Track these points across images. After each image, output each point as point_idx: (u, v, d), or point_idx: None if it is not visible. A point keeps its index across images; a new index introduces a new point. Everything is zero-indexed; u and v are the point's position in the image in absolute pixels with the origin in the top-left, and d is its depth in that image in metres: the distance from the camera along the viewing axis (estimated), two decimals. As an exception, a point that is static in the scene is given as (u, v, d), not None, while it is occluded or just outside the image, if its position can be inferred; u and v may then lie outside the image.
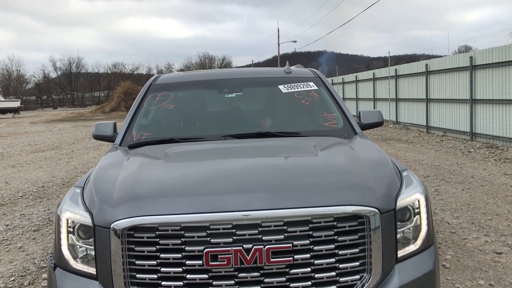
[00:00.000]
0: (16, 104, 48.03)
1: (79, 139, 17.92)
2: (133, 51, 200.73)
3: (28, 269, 4.35)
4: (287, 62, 4.44)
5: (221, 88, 3.90)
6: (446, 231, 5.00)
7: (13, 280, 4.12)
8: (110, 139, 3.61)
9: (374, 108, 20.59)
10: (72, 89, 79.02)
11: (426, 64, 15.13)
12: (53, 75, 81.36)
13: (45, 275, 4.16)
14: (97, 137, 3.73)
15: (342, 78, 25.78)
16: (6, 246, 5.09)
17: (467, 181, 7.44)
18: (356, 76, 23.37)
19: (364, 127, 3.54)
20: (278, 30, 59.22)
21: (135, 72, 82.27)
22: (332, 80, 28.28)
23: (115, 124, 3.71)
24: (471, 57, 12.26)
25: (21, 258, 4.71)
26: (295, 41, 53.94)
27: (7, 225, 5.91)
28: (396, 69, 17.85)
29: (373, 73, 20.58)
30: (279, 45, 64.98)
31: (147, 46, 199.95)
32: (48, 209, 6.68)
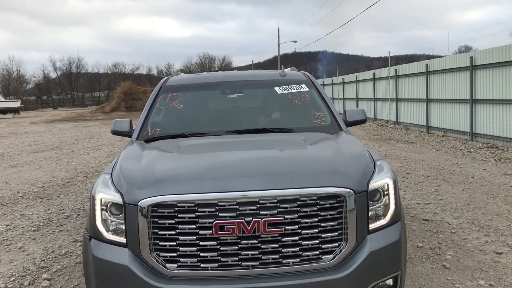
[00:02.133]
0: (16, 104, 48.02)
1: (79, 139, 17.92)
2: (132, 50, 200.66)
3: (28, 269, 4.36)
4: (282, 66, 4.96)
5: (224, 89, 4.38)
6: (446, 231, 5.00)
7: (13, 280, 4.12)
8: (127, 134, 4.07)
9: (374, 108, 20.59)
10: (72, 89, 79.04)
11: (426, 64, 15.13)
12: (53, 75, 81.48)
13: (45, 275, 4.17)
14: (115, 132, 4.21)
15: (343, 78, 25.77)
16: (6, 246, 5.10)
17: (467, 181, 7.44)
18: (356, 76, 23.37)
19: (349, 124, 4.08)
20: (278, 30, 59.21)
21: (135, 72, 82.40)
22: (332, 80, 28.28)
23: (131, 121, 4.22)
24: (471, 57, 12.26)
25: (21, 258, 4.71)
26: (295, 41, 53.96)
27: (7, 225, 5.92)
28: (396, 69, 17.85)
29: (373, 73, 20.58)
30: (279, 45, 64.95)
31: (146, 46, 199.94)
32: (48, 209, 6.68)
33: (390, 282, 2.61)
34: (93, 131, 21.93)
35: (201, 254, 2.40)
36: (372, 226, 2.57)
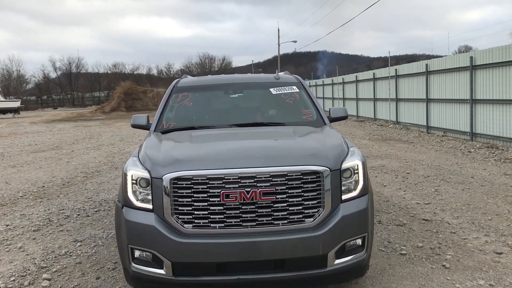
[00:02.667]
0: (16, 104, 47.99)
1: (79, 139, 17.92)
2: (131, 50, 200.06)
3: (28, 269, 4.36)
4: (277, 70, 5.59)
5: (227, 90, 5.11)
6: (446, 231, 5.00)
7: (13, 280, 4.12)
8: (145, 127, 4.71)
9: (374, 109, 20.60)
10: (72, 89, 78.97)
11: (426, 64, 15.13)
12: (53, 75, 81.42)
13: (45, 275, 4.17)
14: (135, 126, 4.82)
15: (342, 78, 25.76)
16: (6, 246, 5.10)
17: (467, 181, 7.44)
18: (356, 76, 23.36)
19: (332, 119, 4.74)
20: (278, 30, 59.25)
21: (135, 72, 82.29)
22: (332, 80, 28.27)
23: (148, 117, 4.82)
24: (471, 57, 12.26)
25: (21, 258, 4.71)
26: (295, 41, 53.97)
27: (7, 225, 5.92)
28: (396, 69, 17.85)
29: (373, 73, 20.57)
30: (279, 45, 64.88)
31: (146, 46, 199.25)
32: (48, 209, 6.68)
33: (359, 242, 3.29)
34: (93, 131, 21.92)
35: (210, 216, 3.07)
36: (344, 197, 3.25)
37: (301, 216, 3.12)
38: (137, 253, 3.23)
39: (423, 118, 15.54)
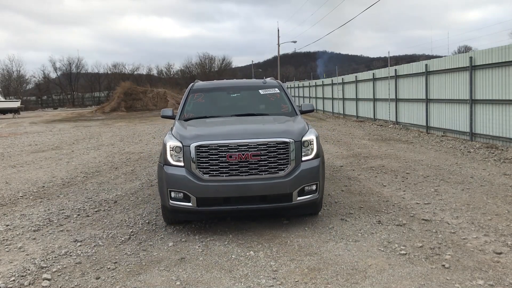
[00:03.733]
0: (16, 104, 47.92)
1: (79, 139, 17.92)
2: (131, 50, 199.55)
3: (28, 269, 4.36)
4: (264, 77, 8.83)
5: (228, 91, 7.22)
6: (445, 231, 5.01)
7: (13, 280, 4.12)
8: (171, 117, 6.61)
9: (374, 109, 20.61)
10: (72, 89, 78.87)
11: (426, 65, 15.14)
12: (53, 75, 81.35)
13: (45, 275, 4.18)
14: (164, 116, 6.67)
15: (342, 79, 25.76)
16: (6, 246, 5.10)
17: (467, 181, 7.44)
18: (356, 76, 23.36)
19: (302, 112, 6.63)
20: (278, 30, 59.27)
21: (135, 73, 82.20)
22: (332, 80, 28.25)
23: (173, 110, 6.75)
24: (470, 57, 12.27)
25: (21, 258, 4.71)
26: (295, 42, 53.98)
27: (7, 225, 5.92)
28: (396, 69, 17.86)
29: (373, 73, 20.57)
30: (279, 45, 64.83)
31: (145, 46, 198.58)
32: (48, 209, 6.69)
33: (314, 187, 5.18)
34: (93, 131, 21.92)
35: (220, 169, 4.95)
36: (303, 158, 5.16)
37: (276, 169, 5.02)
38: (173, 194, 5.08)
39: (422, 118, 15.54)
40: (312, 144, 5.24)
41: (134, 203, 6.93)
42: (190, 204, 4.97)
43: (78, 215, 6.33)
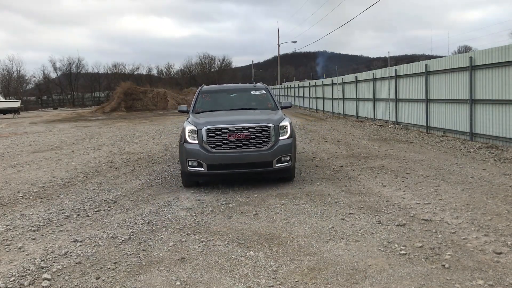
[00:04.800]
0: (16, 104, 47.94)
1: (79, 139, 17.92)
2: (131, 50, 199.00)
3: (28, 269, 4.36)
4: (254, 81, 10.70)
5: (228, 92, 9.72)
6: (445, 231, 5.01)
7: (13, 280, 4.12)
8: (186, 112, 8.78)
9: (374, 109, 20.61)
10: (72, 89, 78.82)
11: (426, 65, 15.13)
12: (53, 75, 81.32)
13: (45, 275, 4.18)
14: (180, 111, 8.99)
15: (342, 79, 25.76)
16: (6, 246, 5.10)
17: (467, 181, 7.44)
18: (356, 76, 23.35)
19: (282, 107, 8.88)
20: (278, 30, 59.33)
21: (135, 73, 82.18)
22: (332, 80, 28.24)
23: (187, 106, 9.13)
24: (470, 58, 12.27)
25: (21, 258, 4.71)
26: (295, 42, 54.02)
27: (7, 225, 5.92)
28: (396, 70, 17.85)
29: (373, 74, 20.57)
30: (279, 46, 64.80)
31: (145, 46, 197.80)
32: (48, 209, 6.68)
33: (288, 158, 7.35)
34: (93, 131, 21.92)
35: (222, 145, 7.18)
36: (280, 138, 7.36)
37: (261, 145, 7.26)
38: (190, 162, 7.26)
39: (422, 118, 15.54)
40: (287, 128, 7.57)
41: (134, 203, 6.93)
42: (202, 169, 7.24)
43: (78, 215, 6.33)
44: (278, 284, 3.86)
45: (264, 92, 9.21)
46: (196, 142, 7.26)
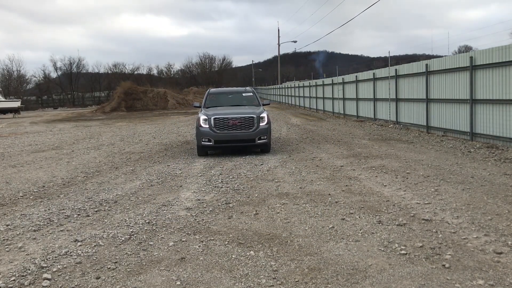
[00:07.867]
0: (16, 104, 47.97)
1: (80, 139, 17.93)
2: (130, 50, 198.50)
3: (29, 269, 4.36)
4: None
5: (227, 94, 14.51)
6: (446, 231, 5.01)
7: (13, 280, 4.12)
8: (199, 107, 13.40)
9: (374, 109, 20.59)
10: (72, 89, 78.86)
11: (426, 64, 15.13)
12: (53, 75, 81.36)
13: (45, 275, 4.18)
14: (195, 106, 14.19)
15: (343, 78, 25.75)
16: (7, 246, 5.10)
17: (467, 181, 7.44)
18: (356, 76, 23.34)
19: (264, 104, 13.50)
20: (278, 30, 59.35)
21: (136, 72, 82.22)
22: (332, 80, 28.23)
23: (200, 103, 13.82)
24: (471, 57, 12.26)
25: (22, 258, 4.71)
26: (295, 41, 54.03)
27: (7, 225, 5.92)
28: (396, 69, 17.85)
29: (373, 73, 20.56)
30: (279, 45, 64.76)
31: (143, 45, 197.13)
32: (49, 209, 6.69)
33: (265, 137, 11.86)
34: (93, 131, 21.92)
35: (224, 128, 11.68)
36: (260, 124, 11.82)
37: (248, 128, 11.66)
38: (203, 139, 11.61)
39: (423, 118, 15.53)
40: (265, 118, 11.86)
41: (134, 203, 6.93)
42: (211, 143, 11.55)
43: (79, 215, 6.33)
44: (278, 284, 3.86)
45: (251, 94, 13.96)
46: (207, 126, 11.56)
